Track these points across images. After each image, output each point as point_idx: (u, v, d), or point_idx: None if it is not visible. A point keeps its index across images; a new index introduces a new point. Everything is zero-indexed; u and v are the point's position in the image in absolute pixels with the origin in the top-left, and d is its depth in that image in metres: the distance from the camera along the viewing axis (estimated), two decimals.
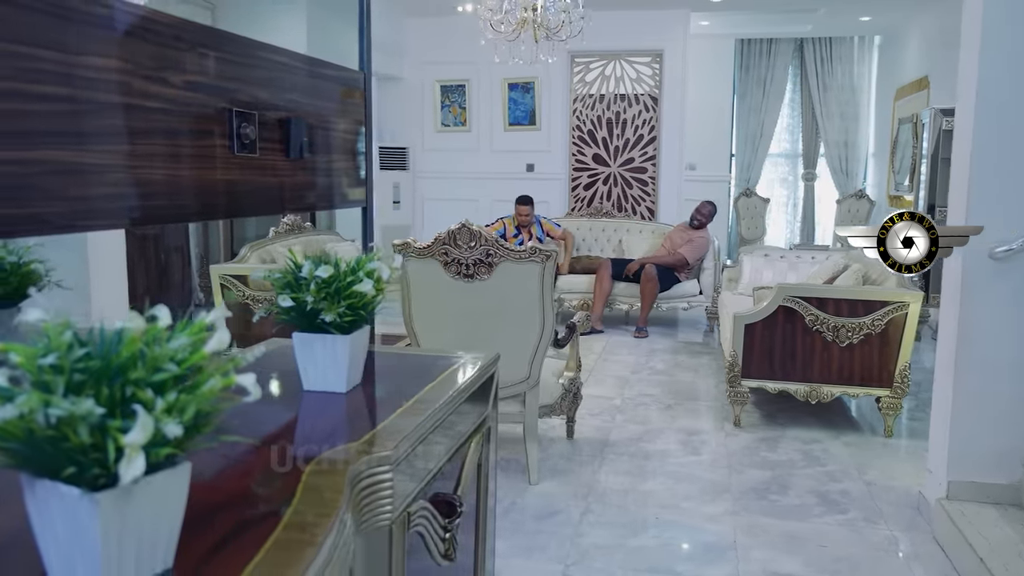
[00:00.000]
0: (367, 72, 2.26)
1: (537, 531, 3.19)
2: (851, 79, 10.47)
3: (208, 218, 1.69)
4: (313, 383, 1.32)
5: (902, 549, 3.06)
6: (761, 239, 10.34)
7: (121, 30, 1.31)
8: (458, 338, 3.58)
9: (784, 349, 4.37)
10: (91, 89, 1.25)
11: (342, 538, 0.87)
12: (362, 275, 1.26)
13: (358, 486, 1.01)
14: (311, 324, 1.27)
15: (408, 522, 1.12)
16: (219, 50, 1.57)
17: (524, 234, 7.40)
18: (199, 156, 1.50)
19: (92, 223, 1.22)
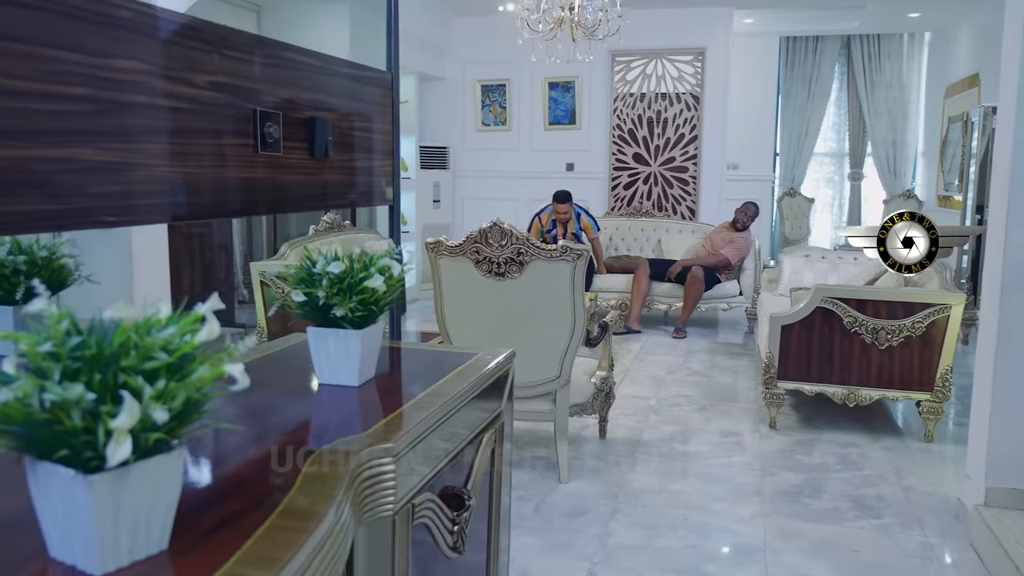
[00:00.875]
0: (395, 73, 2.29)
1: (565, 529, 3.19)
2: (900, 76, 10.29)
3: (231, 215, 1.74)
4: (326, 377, 1.35)
5: (937, 556, 3.01)
6: (805, 240, 10.21)
7: (148, 33, 1.35)
8: (490, 336, 3.60)
9: (821, 351, 4.32)
10: (116, 90, 1.29)
11: (337, 526, 0.89)
12: (373, 271, 1.28)
13: (359, 477, 1.03)
14: (325, 319, 1.30)
15: (412, 514, 1.14)
16: (242, 51, 1.60)
17: (559, 229, 7.25)
18: (222, 155, 1.53)
19: (113, 219, 1.26)
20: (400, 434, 1.12)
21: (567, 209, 7.19)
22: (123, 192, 1.31)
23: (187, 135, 1.45)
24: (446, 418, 1.26)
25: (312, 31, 6.97)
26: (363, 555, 1.06)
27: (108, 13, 1.28)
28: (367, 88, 2.17)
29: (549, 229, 7.23)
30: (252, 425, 1.21)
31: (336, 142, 1.99)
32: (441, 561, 1.34)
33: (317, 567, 0.81)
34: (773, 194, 10.61)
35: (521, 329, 3.57)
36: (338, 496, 0.91)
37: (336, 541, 0.88)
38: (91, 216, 1.22)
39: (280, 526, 0.83)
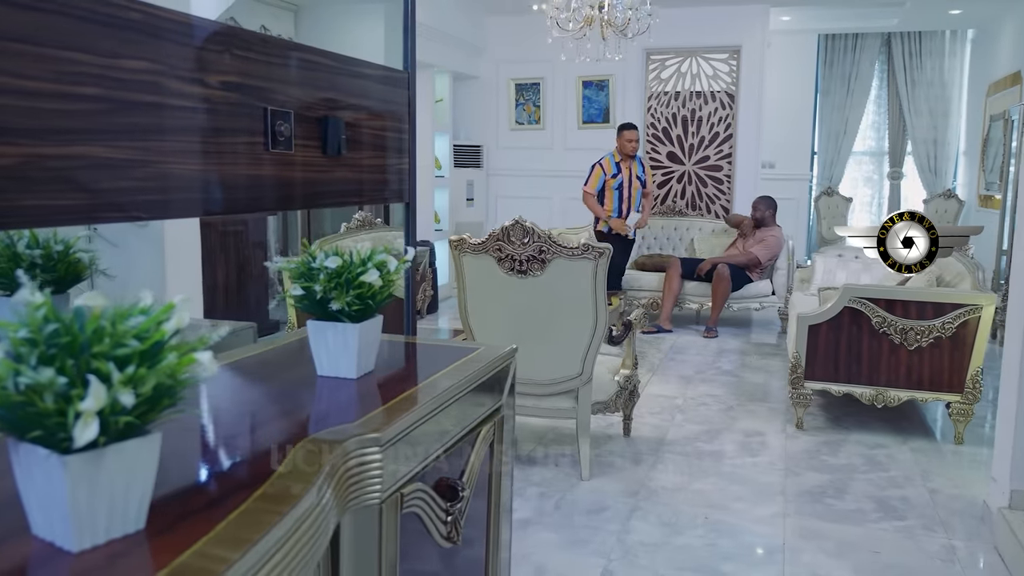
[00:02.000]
0: (411, 72, 2.32)
1: (584, 525, 3.21)
2: (941, 74, 10.12)
3: (240, 212, 1.78)
4: (325, 368, 1.38)
5: (959, 559, 2.97)
6: (843, 239, 10.08)
7: (158, 35, 1.40)
8: (512, 333, 3.62)
9: (849, 351, 4.28)
10: (126, 89, 1.34)
11: (316, 511, 0.92)
12: (370, 266, 1.32)
13: (345, 465, 1.06)
14: (324, 312, 1.34)
15: (401, 503, 1.17)
16: (253, 51, 1.64)
17: (624, 173, 6.88)
18: (232, 152, 1.58)
19: (120, 214, 1.31)
20: (389, 425, 1.15)
21: (636, 138, 6.89)
22: (132, 188, 1.35)
23: (197, 133, 1.49)
24: (438, 411, 1.29)
25: (348, 30, 7.05)
26: (349, 541, 1.09)
27: (119, 15, 1.32)
28: (382, 87, 2.20)
29: (615, 174, 6.87)
30: (246, 414, 1.25)
31: (350, 140, 2.02)
32: (438, 551, 1.37)
33: (291, 548, 0.85)
34: (811, 193, 10.49)
35: (543, 326, 3.59)
36: (317, 482, 0.94)
37: (313, 525, 0.91)
38: (95, 212, 1.27)
39: (256, 509, 0.86)
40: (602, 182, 6.86)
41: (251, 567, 0.76)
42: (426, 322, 7.45)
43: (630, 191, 6.87)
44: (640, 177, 6.94)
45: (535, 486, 3.60)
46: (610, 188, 6.84)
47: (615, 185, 6.83)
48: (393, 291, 1.40)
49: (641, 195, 6.96)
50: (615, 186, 6.82)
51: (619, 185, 6.83)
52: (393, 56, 2.43)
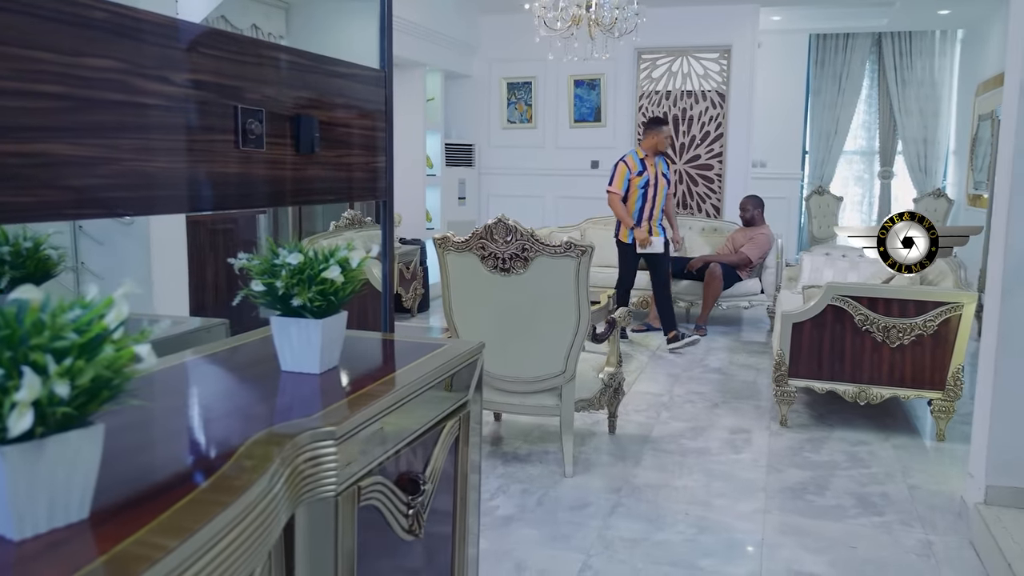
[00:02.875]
0: (388, 70, 2.33)
1: (566, 521, 3.23)
2: (931, 74, 10.15)
3: (211, 208, 1.80)
4: (289, 364, 1.40)
5: (935, 553, 2.99)
6: (833, 238, 10.12)
7: (122, 33, 1.41)
8: (496, 331, 3.64)
9: (833, 349, 4.30)
10: (90, 88, 1.35)
11: (264, 502, 0.94)
12: (332, 263, 1.33)
13: (299, 458, 1.08)
14: (287, 308, 1.35)
15: (359, 496, 1.19)
16: (222, 50, 1.66)
17: (651, 170, 6.26)
18: (200, 150, 1.59)
19: (84, 211, 1.33)
20: (346, 419, 1.16)
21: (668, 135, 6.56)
22: (96, 186, 1.37)
23: (164, 131, 1.51)
24: (399, 406, 1.31)
25: (340, 28, 7.06)
26: (304, 533, 1.11)
27: (82, 14, 1.34)
28: (358, 85, 2.22)
29: (640, 171, 6.24)
30: (205, 407, 1.27)
31: (324, 138, 2.04)
32: (403, 545, 1.39)
33: (235, 538, 0.86)
34: (802, 192, 10.52)
35: (526, 324, 3.61)
36: (266, 474, 0.96)
37: (260, 516, 0.93)
38: (60, 208, 1.29)
39: (201, 499, 0.88)
40: (627, 181, 6.26)
41: (191, 555, 0.78)
42: (417, 320, 7.46)
43: (655, 190, 6.30)
44: (666, 175, 6.41)
45: (519, 483, 3.62)
46: (635, 187, 6.24)
47: (640, 184, 6.24)
48: (357, 288, 1.41)
49: (665, 195, 6.39)
50: (640, 184, 6.23)
51: (645, 184, 6.23)
52: (394, 52, 2.44)
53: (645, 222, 6.31)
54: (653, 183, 6.26)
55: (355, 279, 1.39)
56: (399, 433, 1.33)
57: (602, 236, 7.79)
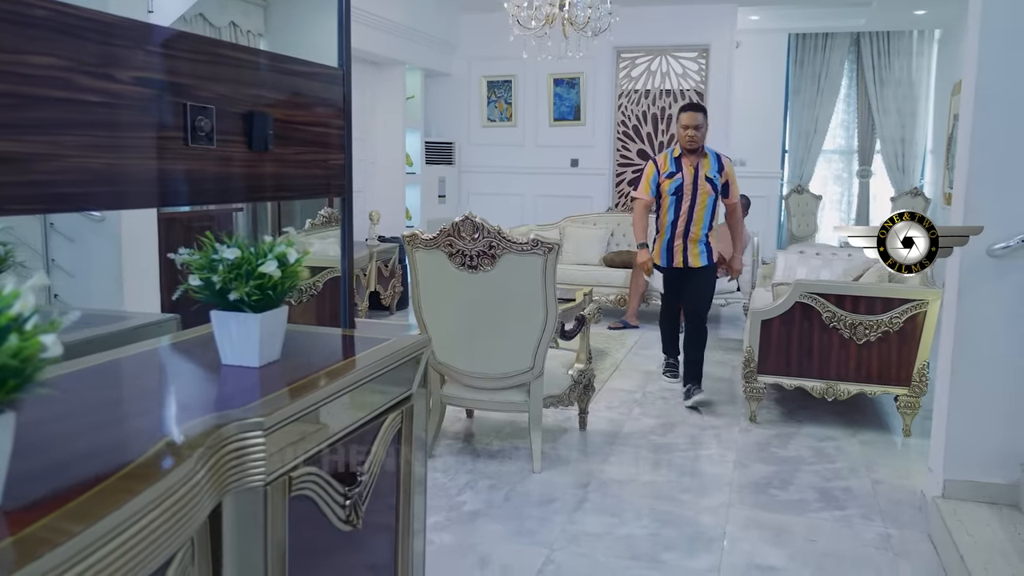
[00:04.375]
0: (346, 69, 2.35)
1: (531, 517, 3.26)
2: (909, 74, 10.23)
3: (159, 205, 1.82)
4: (229, 357, 1.42)
5: (892, 546, 3.04)
6: (812, 237, 10.19)
7: (65, 32, 1.43)
8: (464, 327, 3.67)
9: (801, 346, 4.35)
10: (31, 85, 1.37)
11: (181, 491, 0.96)
12: (269, 258, 1.36)
13: (224, 448, 1.10)
14: (226, 303, 1.38)
15: (289, 486, 1.21)
16: (171, 48, 1.68)
17: (687, 171, 4.79)
18: (147, 147, 1.61)
19: (26, 207, 1.34)
20: (276, 411, 1.19)
21: (701, 124, 4.76)
22: (40, 182, 1.39)
23: (109, 128, 1.52)
24: (333, 398, 1.33)
25: (320, 26, 7.02)
26: (232, 521, 1.13)
27: (23, 13, 1.35)
28: (315, 84, 2.24)
29: (671, 172, 4.82)
30: (138, 399, 1.29)
31: (280, 136, 2.06)
32: (343, 535, 1.41)
33: (148, 524, 0.89)
34: (781, 191, 10.58)
35: (494, 321, 3.64)
36: (185, 463, 0.98)
37: (178, 504, 0.95)
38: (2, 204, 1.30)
39: (115, 487, 0.90)
40: (655, 185, 4.88)
41: (97, 539, 0.80)
42: (396, 318, 7.48)
43: (693, 198, 4.79)
44: (712, 178, 4.81)
45: (487, 479, 3.64)
46: (664, 192, 4.84)
47: (671, 188, 4.81)
48: (297, 283, 1.43)
49: (712, 206, 4.86)
50: (671, 189, 4.81)
51: (677, 188, 4.80)
52: (368, 50, 2.46)
53: (678, 240, 4.86)
54: (690, 189, 4.78)
55: (294, 274, 1.41)
56: (335, 425, 1.35)
57: (581, 234, 7.84)
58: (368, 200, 8.29)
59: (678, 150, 4.85)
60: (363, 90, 8.15)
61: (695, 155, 4.80)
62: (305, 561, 1.30)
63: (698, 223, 4.84)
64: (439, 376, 3.84)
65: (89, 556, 0.79)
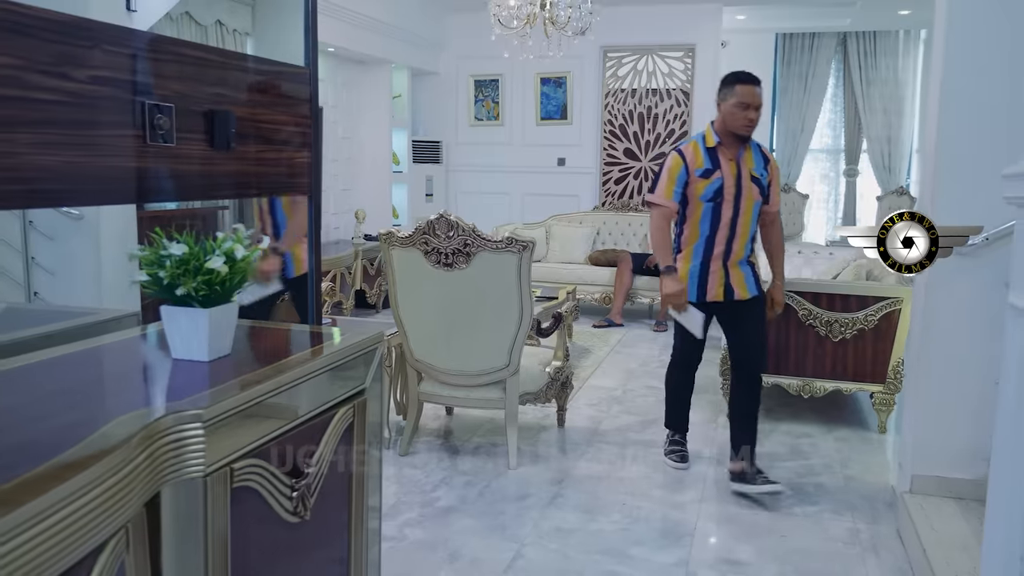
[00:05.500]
0: (312, 68, 2.38)
1: (503, 512, 3.28)
2: (895, 73, 10.28)
3: (117, 202, 1.84)
4: (179, 351, 1.44)
5: (861, 541, 3.07)
6: (799, 235, 10.24)
7: (19, 31, 1.45)
8: (440, 324, 3.69)
9: (778, 343, 4.38)
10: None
11: (111, 480, 0.98)
12: (217, 253, 1.38)
13: (162, 439, 1.13)
14: (174, 297, 1.40)
15: (231, 477, 1.23)
16: (129, 47, 1.70)
17: (727, 168, 3.45)
18: (104, 144, 1.63)
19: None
20: (218, 403, 1.21)
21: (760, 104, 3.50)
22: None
23: (64, 126, 1.55)
24: (278, 392, 1.35)
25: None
26: (171, 511, 1.16)
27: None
28: (280, 83, 2.26)
29: (706, 169, 3.46)
30: (82, 392, 1.31)
31: (243, 134, 2.08)
32: (292, 527, 1.44)
33: (74, 511, 0.91)
34: None
35: (470, 318, 3.66)
36: (115, 453, 1.00)
37: (108, 492, 0.97)
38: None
39: (42, 475, 0.92)
40: (681, 185, 3.49)
41: (19, 525, 0.83)
42: (382, 316, 7.49)
43: (737, 205, 3.49)
44: (758, 178, 3.51)
45: (463, 475, 3.67)
46: (695, 197, 3.48)
47: (707, 192, 3.46)
48: (248, 278, 1.46)
49: (757, 217, 3.59)
50: (707, 194, 3.47)
51: (716, 192, 3.45)
52: (357, 47, 2.49)
53: (716, 263, 3.57)
54: (732, 192, 3.47)
55: (242, 270, 1.44)
56: (281, 418, 1.38)
57: (567, 233, 7.87)
58: (354, 199, 8.30)
59: (712, 138, 3.52)
60: (349, 89, 8.16)
61: (736, 146, 3.49)
62: (252, 551, 1.33)
63: (741, 239, 3.55)
64: (416, 373, 3.87)
65: (10, 540, 0.81)
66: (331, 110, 7.85)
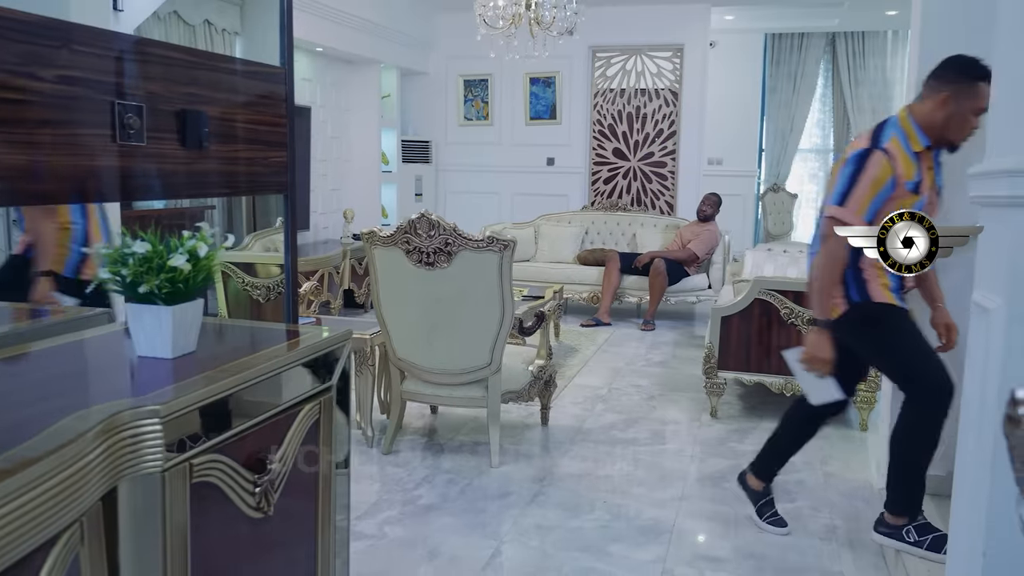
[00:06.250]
0: (288, 67, 2.39)
1: (484, 510, 3.30)
2: (884, 73, 10.32)
3: (82, 200, 1.85)
4: (143, 348, 1.46)
5: (837, 537, 3.10)
6: (788, 235, 10.27)
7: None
8: (422, 323, 3.71)
9: (760, 341, 4.41)
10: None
11: (64, 474, 1.00)
12: (180, 251, 1.40)
13: (119, 435, 1.14)
14: (137, 295, 1.41)
15: (191, 472, 1.25)
16: (98, 47, 1.71)
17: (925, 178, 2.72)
18: (72, 144, 1.64)
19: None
20: (177, 399, 1.22)
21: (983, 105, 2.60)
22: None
23: (31, 125, 1.56)
24: (240, 388, 1.37)
25: (296, 25, 7.03)
26: (128, 506, 1.17)
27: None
28: (254, 82, 2.27)
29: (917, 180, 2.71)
30: (44, 387, 1.32)
31: (216, 134, 2.09)
32: (256, 522, 1.45)
33: (24, 504, 0.93)
34: (758, 189, 10.66)
35: (452, 317, 3.67)
36: (69, 447, 1.02)
37: (61, 486, 0.99)
38: None
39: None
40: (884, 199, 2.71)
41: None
42: (371, 315, 7.48)
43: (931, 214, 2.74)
44: (940, 188, 2.87)
45: (445, 473, 3.68)
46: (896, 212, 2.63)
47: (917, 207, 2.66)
48: (211, 276, 1.47)
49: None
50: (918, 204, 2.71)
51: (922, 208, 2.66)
52: (343, 46, 2.50)
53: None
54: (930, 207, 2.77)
55: (205, 268, 1.45)
56: (244, 414, 1.39)
57: (556, 232, 7.89)
58: (343, 198, 8.31)
59: (919, 139, 2.75)
60: (338, 88, 8.17)
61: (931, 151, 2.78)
62: (214, 546, 1.34)
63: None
64: (400, 372, 3.88)
65: None
66: (320, 110, 7.86)
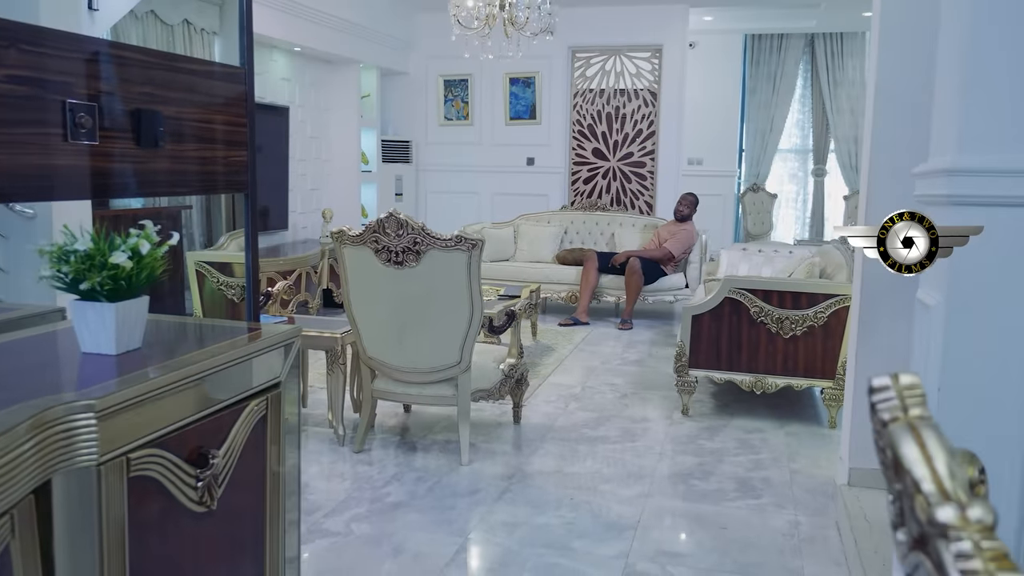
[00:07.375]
0: (248, 67, 2.40)
1: (452, 507, 3.32)
2: (862, 74, 10.39)
3: (35, 199, 1.86)
4: (88, 345, 1.47)
5: (800, 533, 3.13)
6: (768, 235, 10.34)
7: None
8: (391, 322, 3.72)
9: (730, 340, 4.45)
10: None
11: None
12: (121, 249, 1.41)
13: (52, 429, 1.16)
14: (80, 292, 1.43)
15: (128, 466, 1.26)
16: (48, 47, 1.72)
17: None
18: (20, 143, 1.65)
19: None
20: (113, 393, 1.24)
21: None
22: None
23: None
24: (182, 383, 1.38)
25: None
26: (62, 498, 1.19)
27: None
28: (212, 82, 2.28)
29: None
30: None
31: (173, 133, 2.10)
32: (200, 516, 1.47)
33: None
34: (738, 190, 10.72)
35: (421, 316, 3.69)
36: (0, 440, 1.04)
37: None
38: None
39: None
40: None
41: None
42: None
43: None
44: None
45: (415, 471, 3.70)
46: None
47: None
48: (155, 273, 1.49)
49: None
50: None
51: None
52: (322, 46, 2.51)
53: None
54: None
55: (148, 266, 1.47)
56: (185, 409, 1.41)
57: (535, 232, 7.91)
58: (323, 198, 8.31)
59: None
60: (317, 88, 8.17)
61: None
62: (154, 539, 1.36)
63: None
64: (370, 371, 3.90)
65: None
66: (299, 109, 7.86)
